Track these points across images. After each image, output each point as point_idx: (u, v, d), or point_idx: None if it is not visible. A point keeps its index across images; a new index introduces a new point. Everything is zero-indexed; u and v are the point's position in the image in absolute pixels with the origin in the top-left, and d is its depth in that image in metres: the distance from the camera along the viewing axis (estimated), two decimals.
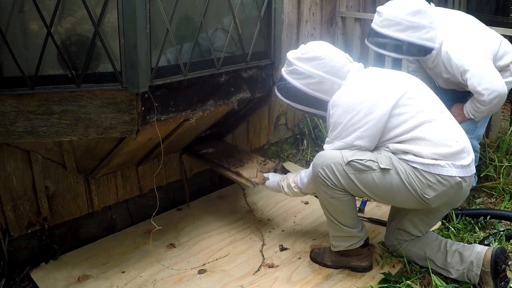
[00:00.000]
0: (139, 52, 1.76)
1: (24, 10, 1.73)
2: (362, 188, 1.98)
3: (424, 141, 1.91)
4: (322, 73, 2.04)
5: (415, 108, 1.94)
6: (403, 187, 1.94)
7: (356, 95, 1.97)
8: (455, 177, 1.91)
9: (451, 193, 1.96)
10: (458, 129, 2.03)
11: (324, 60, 2.04)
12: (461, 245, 2.14)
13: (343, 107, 1.95)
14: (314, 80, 2.05)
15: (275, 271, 2.26)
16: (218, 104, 2.20)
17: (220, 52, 2.14)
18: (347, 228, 2.11)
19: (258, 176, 2.45)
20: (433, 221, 2.21)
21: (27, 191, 2.16)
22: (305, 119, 3.58)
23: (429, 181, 1.91)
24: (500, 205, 2.85)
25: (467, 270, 2.05)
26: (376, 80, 2.05)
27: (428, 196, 1.93)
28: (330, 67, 2.04)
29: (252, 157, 2.67)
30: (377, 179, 1.94)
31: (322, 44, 2.13)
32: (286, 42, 3.21)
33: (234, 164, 2.55)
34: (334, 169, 1.97)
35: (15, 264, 2.21)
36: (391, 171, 1.93)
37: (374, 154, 1.97)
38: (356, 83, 2.02)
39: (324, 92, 2.06)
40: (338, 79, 2.05)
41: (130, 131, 1.88)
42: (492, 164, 3.09)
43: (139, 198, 2.66)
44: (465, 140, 2.00)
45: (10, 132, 1.80)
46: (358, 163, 1.94)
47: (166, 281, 2.17)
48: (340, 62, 2.06)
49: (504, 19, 5.82)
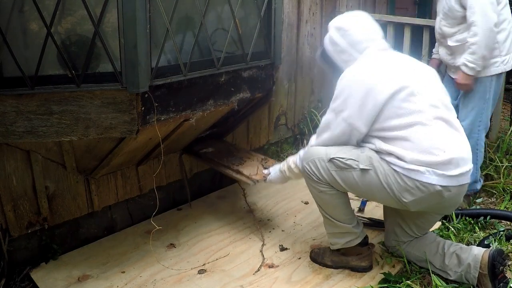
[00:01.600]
0: (139, 52, 1.76)
1: (24, 10, 1.73)
2: (343, 184, 2.02)
3: (410, 143, 1.89)
4: (345, 44, 2.07)
5: (413, 106, 1.90)
6: (382, 188, 1.95)
7: (361, 74, 1.97)
8: (435, 185, 1.88)
9: (432, 200, 1.94)
10: (453, 139, 1.95)
11: (348, 32, 2.07)
12: (459, 247, 2.13)
13: (347, 82, 1.98)
14: (338, 48, 2.09)
15: (275, 271, 2.25)
16: (218, 104, 2.20)
17: (220, 52, 2.14)
18: (341, 224, 2.12)
19: (258, 173, 2.45)
20: (425, 224, 2.19)
21: (27, 191, 2.16)
22: (305, 119, 3.58)
23: (407, 185, 1.90)
24: (500, 205, 2.85)
25: (465, 272, 2.05)
26: (385, 64, 2.02)
27: (405, 199, 1.93)
28: (352, 40, 2.07)
29: (252, 155, 2.67)
30: (357, 177, 1.98)
31: (357, 15, 2.16)
32: (286, 42, 3.21)
33: (234, 162, 2.54)
34: (318, 164, 2.04)
35: (15, 264, 2.21)
36: (371, 171, 1.95)
37: (357, 153, 1.99)
38: (367, 63, 2.02)
39: (343, 61, 2.09)
40: (356, 53, 2.06)
41: (130, 131, 1.88)
42: (492, 164, 3.10)
43: (139, 198, 2.66)
44: (457, 151, 1.92)
45: (10, 132, 1.80)
46: (339, 161, 1.99)
47: (166, 281, 2.17)
48: (362, 37, 2.07)
49: None
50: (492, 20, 2.47)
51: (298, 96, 3.50)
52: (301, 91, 3.51)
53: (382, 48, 2.09)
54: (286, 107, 3.42)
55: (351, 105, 1.94)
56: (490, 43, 2.52)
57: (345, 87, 1.98)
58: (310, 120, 3.57)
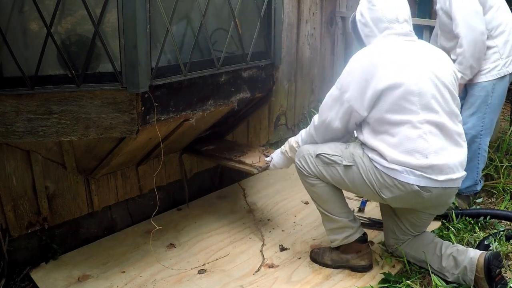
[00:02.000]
0: (139, 52, 1.75)
1: (24, 10, 1.73)
2: (330, 179, 2.11)
3: (395, 141, 1.90)
4: (369, 18, 2.08)
5: (408, 106, 1.88)
6: (364, 183, 2.01)
7: (369, 59, 1.95)
8: (413, 185, 1.89)
9: (411, 199, 1.96)
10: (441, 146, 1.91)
11: (374, 8, 2.06)
12: (456, 248, 2.12)
13: (355, 65, 1.98)
14: (363, 20, 2.10)
15: (275, 271, 2.25)
16: (218, 104, 2.20)
17: (220, 52, 2.14)
18: (337, 218, 2.16)
19: (261, 161, 2.45)
20: (419, 222, 2.18)
21: (27, 191, 2.16)
22: (305, 119, 3.59)
23: (386, 182, 1.94)
24: (500, 205, 2.85)
25: (462, 274, 2.05)
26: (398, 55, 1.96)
27: (384, 196, 1.98)
28: (374, 16, 2.06)
29: (253, 147, 2.69)
30: (341, 172, 2.06)
31: None
32: (286, 42, 3.21)
33: (235, 154, 2.55)
34: (307, 160, 2.14)
35: (15, 264, 2.21)
36: (353, 167, 2.03)
37: (341, 149, 2.06)
38: (379, 49, 1.99)
39: (365, 35, 2.11)
40: (376, 30, 2.06)
41: (130, 131, 1.88)
42: (492, 164, 3.09)
43: (139, 198, 2.66)
44: (442, 159, 1.89)
45: (10, 132, 1.80)
46: (325, 157, 2.08)
47: (166, 281, 2.17)
48: (385, 16, 2.05)
49: None
50: (477, 29, 2.48)
51: (298, 96, 3.50)
52: (301, 91, 3.51)
53: (403, 33, 2.04)
54: (286, 107, 3.42)
55: (354, 88, 1.95)
56: (476, 53, 2.52)
57: (353, 69, 1.99)
58: (310, 120, 3.57)
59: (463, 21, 2.47)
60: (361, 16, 2.11)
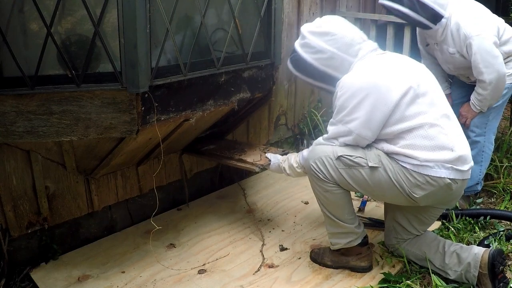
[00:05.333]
0: (139, 52, 1.75)
1: (24, 10, 1.73)
2: (352, 183, 2.00)
3: (418, 146, 1.90)
4: (333, 49, 1.99)
5: (419, 108, 1.91)
6: (392, 185, 1.95)
7: (366, 80, 1.92)
8: (444, 178, 1.91)
9: (440, 194, 1.96)
10: (459, 135, 2.00)
11: (336, 36, 1.99)
12: (459, 246, 2.14)
13: (351, 91, 1.92)
14: (325, 56, 2.00)
15: (275, 271, 2.25)
16: (218, 104, 2.20)
17: (220, 52, 2.14)
18: (344, 224, 2.11)
19: (262, 159, 2.45)
20: (427, 219, 2.19)
21: (27, 191, 2.16)
22: (305, 119, 3.58)
23: (417, 180, 1.92)
24: (500, 205, 2.85)
25: (465, 271, 2.05)
26: (387, 67, 1.98)
27: (416, 195, 1.94)
28: (342, 43, 1.99)
29: (253, 145, 2.70)
30: (366, 175, 1.97)
31: (336, 19, 2.09)
32: (286, 42, 3.21)
33: (236, 153, 2.55)
34: (325, 162, 2.00)
35: (15, 264, 2.21)
36: (380, 169, 1.95)
37: (364, 151, 1.98)
38: (368, 67, 1.97)
39: (334, 68, 2.01)
40: (349, 57, 2.00)
41: (130, 131, 1.88)
42: (493, 164, 3.09)
43: (139, 198, 2.66)
44: (462, 148, 1.97)
45: (10, 132, 1.80)
46: (347, 159, 1.97)
47: (166, 281, 2.17)
48: (352, 39, 2.01)
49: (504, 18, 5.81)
50: (501, 73, 2.49)
51: (298, 96, 3.50)
52: (301, 91, 3.51)
53: (375, 48, 2.07)
54: (286, 107, 3.42)
55: (359, 116, 1.91)
56: (498, 93, 2.58)
57: (351, 96, 1.92)
58: (310, 120, 3.57)
59: (485, 68, 2.47)
60: (319, 53, 2.00)
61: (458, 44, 2.53)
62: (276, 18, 2.37)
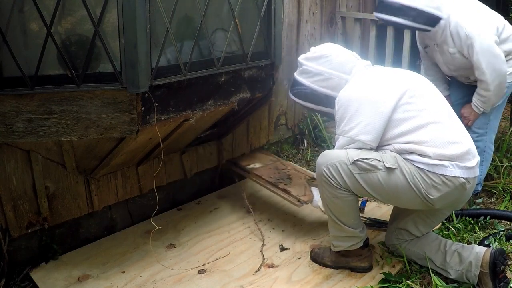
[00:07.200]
0: (139, 52, 1.75)
1: (24, 10, 1.73)
2: (367, 188, 1.99)
3: (428, 142, 1.92)
4: (329, 70, 2.09)
5: (419, 107, 1.95)
6: (408, 187, 1.94)
7: (360, 89, 2.00)
8: (459, 178, 1.91)
9: (455, 194, 1.97)
10: (463, 130, 2.03)
11: (330, 57, 2.10)
12: (460, 245, 2.14)
13: (347, 102, 1.99)
14: (322, 77, 2.10)
15: (275, 271, 2.25)
16: (218, 104, 2.20)
17: (220, 52, 2.14)
18: (349, 228, 2.11)
19: (306, 193, 2.48)
20: (434, 222, 2.20)
21: (27, 191, 2.16)
22: (305, 119, 3.58)
23: (433, 181, 1.92)
24: (500, 205, 2.85)
25: (466, 270, 2.05)
26: (381, 76, 2.07)
27: (432, 196, 1.93)
28: (336, 63, 2.09)
29: (299, 172, 2.72)
30: (382, 179, 1.95)
31: (330, 44, 2.23)
32: (286, 42, 3.21)
33: (281, 181, 2.61)
34: (339, 168, 1.98)
35: (15, 264, 2.21)
36: (396, 170, 1.93)
37: (380, 154, 1.97)
38: (361, 79, 2.05)
39: (332, 88, 2.10)
40: (344, 75, 2.09)
41: (130, 131, 1.88)
42: (493, 164, 3.09)
43: (139, 198, 2.66)
44: (470, 142, 2.00)
45: (10, 132, 1.80)
46: (363, 163, 1.95)
47: (166, 281, 2.17)
48: (346, 58, 2.12)
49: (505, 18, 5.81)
50: (503, 72, 2.48)
51: None
52: None
53: (367, 64, 2.15)
54: (286, 107, 3.42)
55: (358, 122, 1.94)
56: (501, 92, 2.57)
57: (348, 107, 1.97)
58: (310, 120, 3.57)
59: (487, 69, 2.46)
60: (316, 76, 2.10)
61: (458, 44, 2.52)
62: (276, 18, 2.37)
